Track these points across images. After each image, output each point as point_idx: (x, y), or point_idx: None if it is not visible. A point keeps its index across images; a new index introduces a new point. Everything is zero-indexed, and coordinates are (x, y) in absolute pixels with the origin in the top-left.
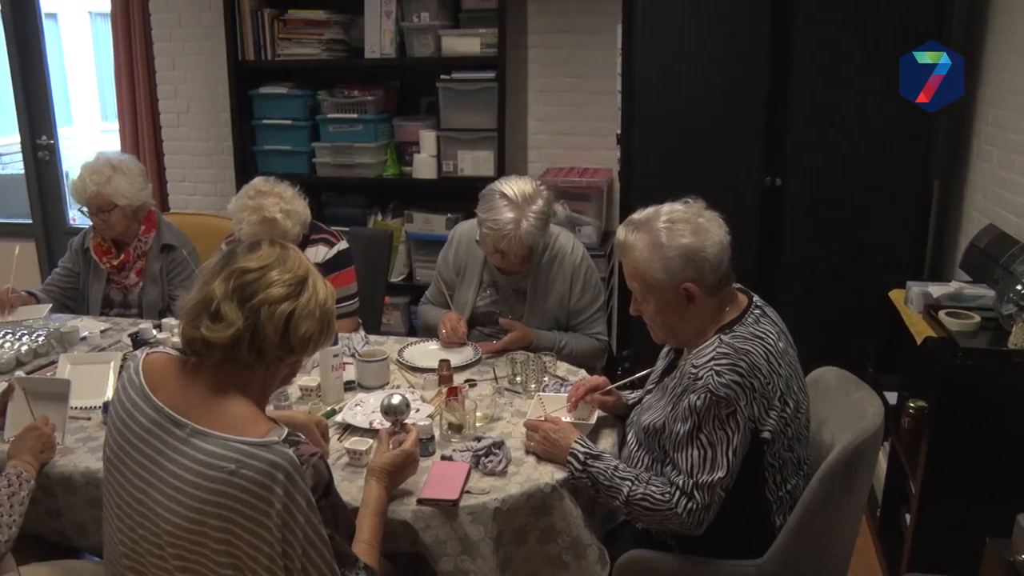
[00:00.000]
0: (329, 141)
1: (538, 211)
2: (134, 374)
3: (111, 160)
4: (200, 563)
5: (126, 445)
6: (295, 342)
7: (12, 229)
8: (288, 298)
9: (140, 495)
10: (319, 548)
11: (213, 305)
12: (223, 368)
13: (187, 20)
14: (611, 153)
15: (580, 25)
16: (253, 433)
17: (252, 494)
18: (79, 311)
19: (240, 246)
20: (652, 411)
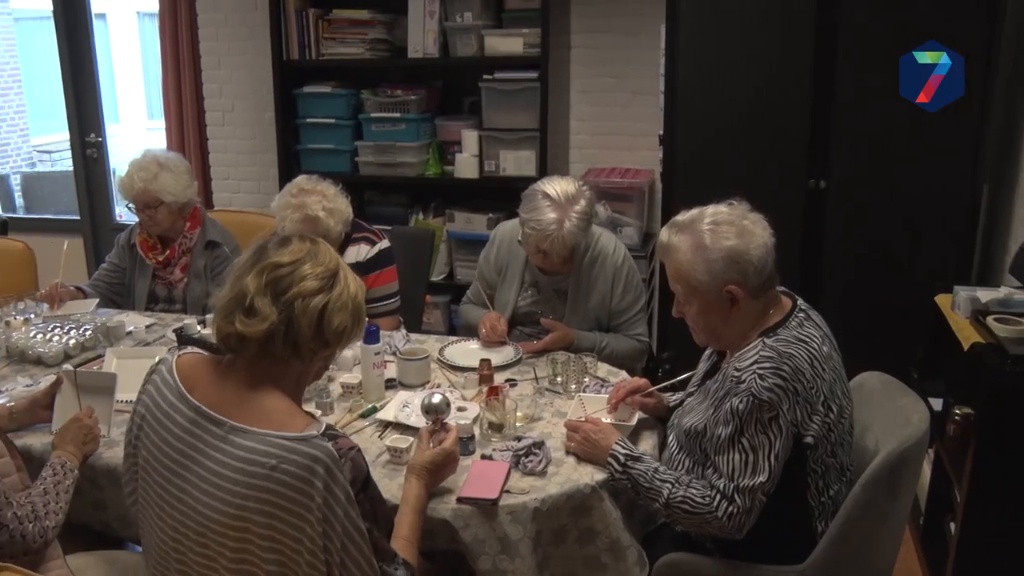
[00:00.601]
0: (372, 140)
1: (581, 212)
2: (168, 376)
3: (158, 157)
4: (246, 559)
5: (164, 447)
6: (329, 335)
7: (61, 225)
8: (321, 291)
9: (180, 494)
10: (357, 542)
11: (247, 300)
12: (258, 364)
13: (233, 20)
14: (653, 154)
15: (623, 25)
16: (291, 428)
17: (293, 488)
18: (125, 306)
19: (270, 242)
20: (693, 414)
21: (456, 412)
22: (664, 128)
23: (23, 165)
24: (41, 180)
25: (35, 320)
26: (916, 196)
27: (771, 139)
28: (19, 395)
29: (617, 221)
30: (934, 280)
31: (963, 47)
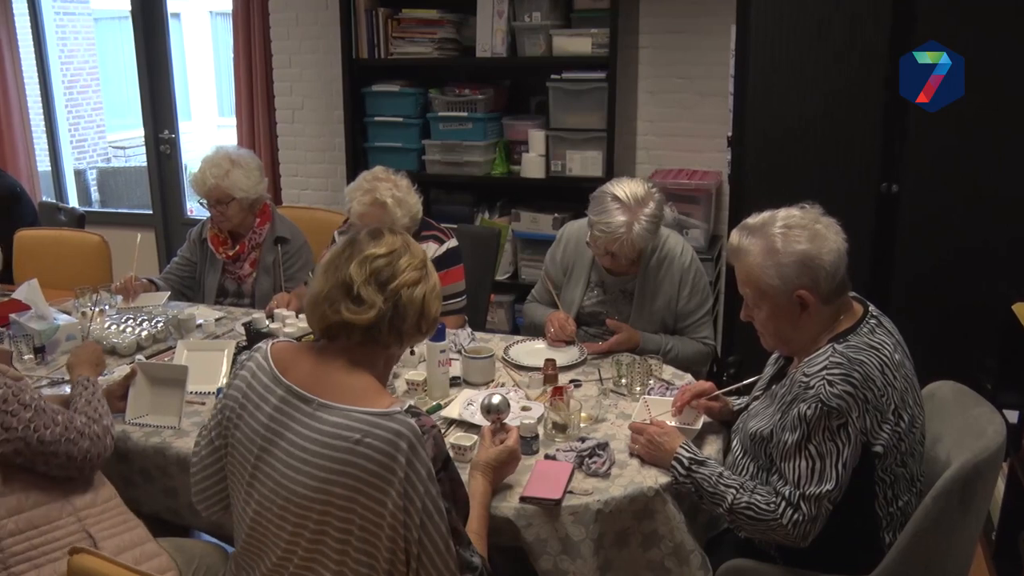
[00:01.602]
0: (439, 139)
1: (650, 214)
2: (263, 361)
3: (230, 154)
4: (325, 531)
5: (256, 426)
6: (427, 323)
7: (134, 219)
8: (420, 281)
9: (269, 469)
10: (436, 521)
11: (353, 289)
12: (353, 350)
13: (304, 19)
14: (721, 155)
15: (692, 25)
16: (376, 405)
17: (376, 463)
18: (195, 299)
19: (360, 234)
20: (759, 418)
21: (520, 412)
22: (732, 130)
23: (99, 160)
24: (116, 175)
25: (110, 311)
26: (993, 200)
27: (842, 141)
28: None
29: (683, 223)
30: (1011, 288)
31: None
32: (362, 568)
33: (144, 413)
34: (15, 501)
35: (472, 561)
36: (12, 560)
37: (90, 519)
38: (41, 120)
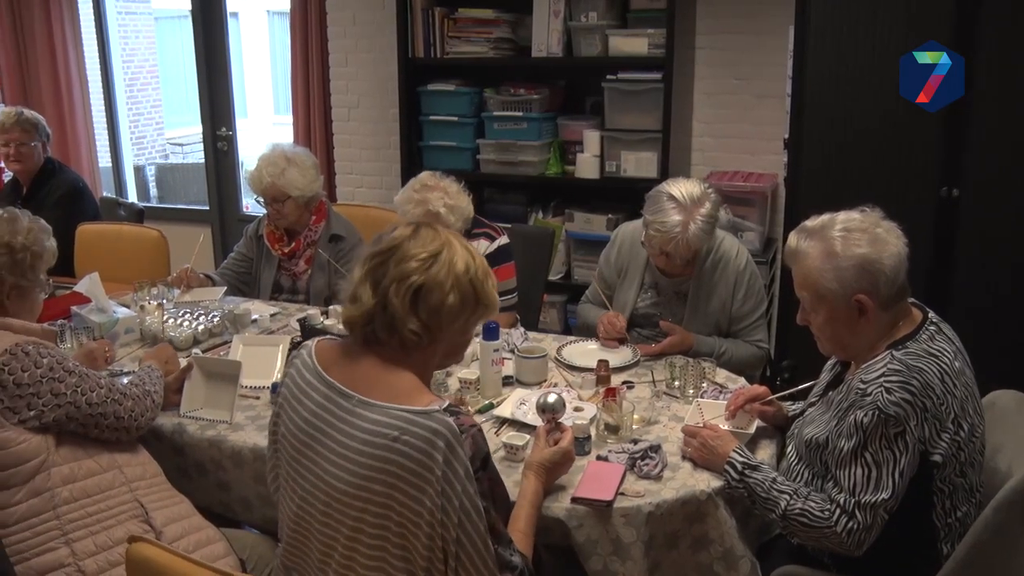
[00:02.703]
0: (494, 138)
1: (706, 215)
2: (308, 358)
3: (286, 153)
4: (363, 529)
5: (300, 422)
6: (426, 314)
7: (191, 215)
8: (416, 272)
9: (312, 465)
10: (474, 520)
11: (353, 288)
12: (385, 348)
13: (361, 18)
14: (777, 158)
15: (750, 26)
16: (416, 403)
17: (414, 460)
18: (250, 295)
19: (385, 232)
20: (815, 425)
21: (572, 412)
22: (790, 132)
23: (157, 157)
24: (173, 171)
25: (167, 305)
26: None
27: (902, 144)
28: None
29: (738, 225)
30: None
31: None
32: (400, 564)
33: (198, 407)
34: (68, 470)
35: (511, 560)
36: (70, 526)
37: (140, 490)
38: (103, 117)
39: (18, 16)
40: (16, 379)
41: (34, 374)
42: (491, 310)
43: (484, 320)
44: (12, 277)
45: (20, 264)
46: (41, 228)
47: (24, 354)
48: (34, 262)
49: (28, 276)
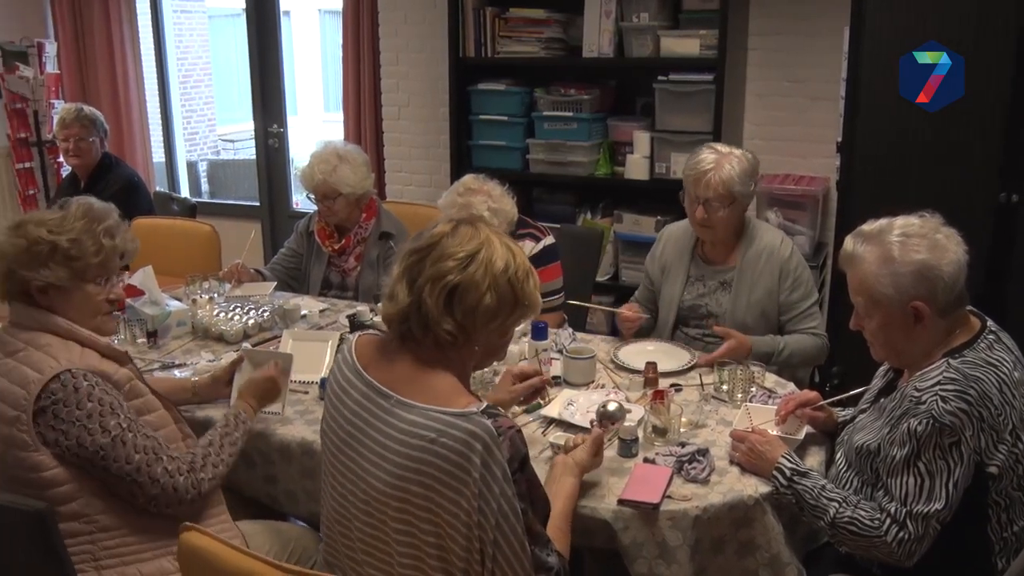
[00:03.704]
0: (543, 138)
1: (741, 158)
2: (348, 354)
3: (338, 150)
4: (411, 532)
5: (340, 419)
6: (460, 314)
7: (241, 210)
8: (451, 272)
9: (351, 463)
10: (511, 521)
11: (391, 286)
12: (422, 347)
13: (412, 18)
14: (829, 161)
15: (804, 27)
16: (454, 405)
17: (451, 462)
18: (300, 291)
19: (425, 230)
20: (866, 432)
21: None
22: (843, 135)
23: (209, 153)
24: (225, 167)
25: (218, 299)
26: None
27: (960, 149)
28: (202, 370)
29: (788, 229)
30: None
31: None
32: (437, 564)
33: None
34: (106, 503)
35: (548, 561)
36: (103, 553)
37: None
38: (157, 114)
39: (79, 16)
40: (55, 411)
41: (72, 413)
42: (532, 310)
43: (525, 320)
44: (49, 272)
45: (49, 258)
46: (86, 224)
47: (74, 389)
48: (65, 257)
49: (55, 271)
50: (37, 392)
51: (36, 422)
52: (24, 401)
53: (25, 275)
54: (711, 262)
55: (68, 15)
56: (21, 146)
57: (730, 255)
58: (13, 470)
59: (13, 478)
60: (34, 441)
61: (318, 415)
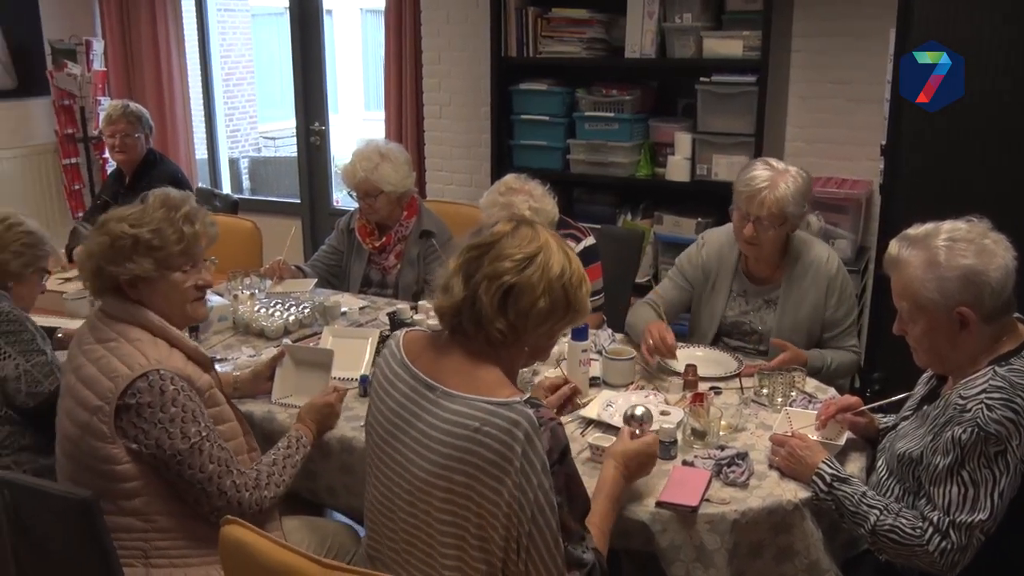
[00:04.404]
0: (584, 139)
1: (796, 176)
2: (395, 348)
3: (380, 148)
4: (444, 519)
5: (386, 410)
6: (514, 314)
7: (282, 207)
8: (510, 272)
9: (396, 454)
10: (547, 515)
11: (447, 279)
12: (471, 341)
13: (455, 17)
14: (873, 164)
15: (848, 29)
16: (497, 395)
17: (493, 451)
18: (340, 288)
19: (484, 226)
20: (908, 439)
21: (659, 416)
22: (887, 138)
23: (250, 150)
24: (266, 164)
25: (260, 295)
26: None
27: (1009, 152)
28: (243, 365)
29: (830, 233)
30: None
31: None
32: (479, 555)
33: (289, 394)
34: (169, 506)
35: (583, 558)
36: (155, 553)
37: None
38: (201, 111)
39: (126, 15)
40: (139, 410)
41: (155, 415)
42: (582, 316)
43: (574, 325)
44: (135, 265)
45: (132, 251)
46: (166, 212)
47: (160, 391)
48: (145, 248)
49: (140, 264)
50: (124, 387)
51: (118, 416)
52: (110, 393)
53: (113, 270)
54: (756, 280)
55: (116, 14)
56: (68, 142)
57: (775, 272)
58: (86, 458)
59: (84, 465)
60: (112, 433)
61: (357, 412)
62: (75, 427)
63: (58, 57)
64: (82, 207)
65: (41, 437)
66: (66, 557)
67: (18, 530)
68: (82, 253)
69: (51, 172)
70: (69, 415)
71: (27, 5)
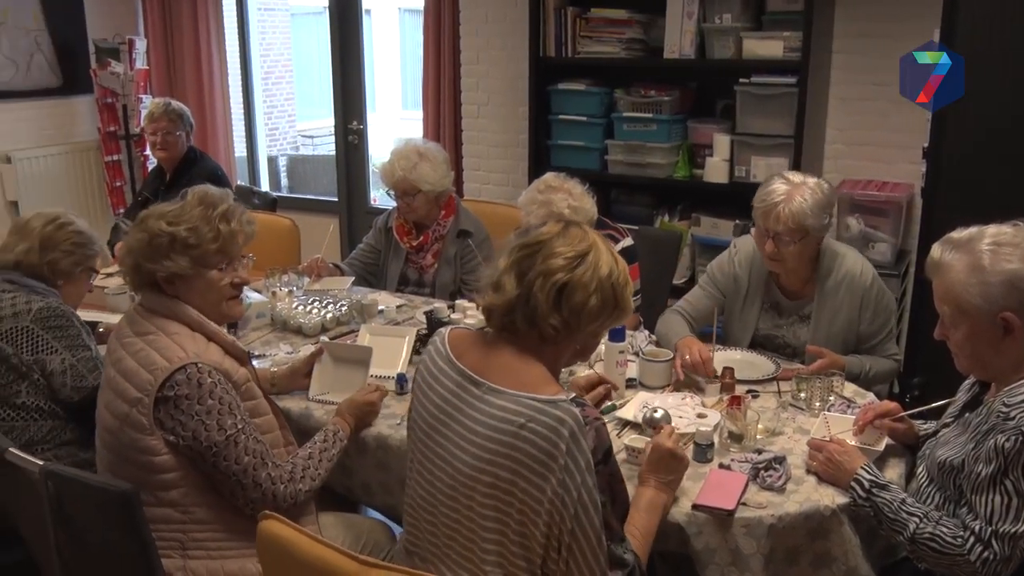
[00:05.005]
0: (622, 139)
1: (815, 189)
2: (441, 345)
3: (418, 147)
4: (487, 514)
5: (430, 406)
6: (567, 312)
7: (320, 205)
8: (562, 270)
9: (439, 449)
10: (590, 513)
11: (497, 277)
12: (518, 339)
13: (493, 17)
14: (914, 167)
15: (891, 30)
16: (543, 393)
17: (538, 448)
18: (377, 286)
19: (533, 225)
20: (949, 446)
21: (696, 418)
22: (930, 140)
23: (288, 148)
24: (304, 163)
25: (297, 293)
26: None
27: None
28: (281, 361)
29: (870, 236)
30: None
31: None
32: (520, 551)
33: (326, 391)
34: (206, 497)
35: (624, 558)
36: (192, 544)
37: None
38: (240, 109)
39: (168, 14)
40: (177, 402)
41: (192, 407)
42: (626, 315)
43: (618, 324)
44: (171, 263)
45: (169, 248)
46: (202, 210)
47: (198, 384)
48: (182, 246)
49: (177, 261)
50: (162, 379)
51: (157, 408)
52: (149, 386)
53: (150, 267)
54: (788, 294)
55: (158, 13)
56: (110, 139)
57: (806, 286)
58: (125, 449)
59: (123, 457)
60: (151, 425)
61: (394, 410)
62: (114, 419)
63: (102, 56)
64: (123, 203)
65: (83, 432)
66: (106, 548)
67: (61, 521)
68: (122, 249)
69: (93, 169)
70: (108, 407)
71: (72, 5)
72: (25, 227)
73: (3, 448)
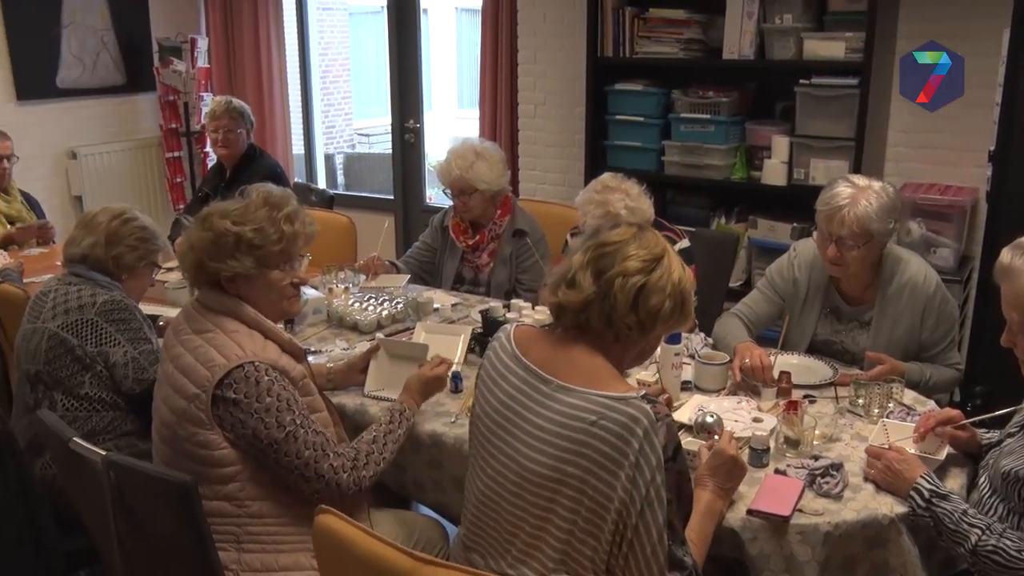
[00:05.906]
0: (680, 140)
1: (880, 192)
2: (506, 341)
3: (475, 147)
4: (554, 510)
5: (495, 403)
6: (643, 313)
7: (376, 203)
8: (640, 272)
9: (504, 446)
10: (656, 511)
11: (570, 273)
12: (586, 337)
13: (551, 17)
14: (979, 171)
15: (957, 30)
16: (613, 390)
17: (610, 445)
18: (432, 284)
19: (604, 226)
20: (1014, 457)
21: (751, 423)
22: (996, 144)
23: (345, 146)
24: (360, 160)
25: (353, 290)
26: None
27: None
28: (337, 357)
29: (932, 241)
30: None
31: None
32: (585, 549)
33: (382, 387)
34: (262, 491)
35: (684, 560)
36: (246, 537)
37: None
38: (298, 107)
39: (230, 13)
40: (236, 400)
41: (251, 405)
42: (689, 321)
43: (679, 329)
44: (236, 263)
45: (235, 248)
46: (260, 211)
47: (255, 382)
48: (243, 246)
49: (242, 261)
50: (220, 377)
51: (215, 405)
52: (207, 382)
53: (214, 266)
54: (848, 300)
55: (220, 12)
56: (172, 136)
57: (867, 291)
58: (183, 443)
59: (180, 451)
60: (210, 420)
61: (448, 408)
62: (172, 414)
63: (164, 54)
64: (183, 199)
65: (142, 423)
66: (164, 539)
67: (122, 511)
68: (183, 245)
69: (155, 165)
70: (166, 402)
71: (137, 5)
72: (91, 222)
73: (68, 437)
